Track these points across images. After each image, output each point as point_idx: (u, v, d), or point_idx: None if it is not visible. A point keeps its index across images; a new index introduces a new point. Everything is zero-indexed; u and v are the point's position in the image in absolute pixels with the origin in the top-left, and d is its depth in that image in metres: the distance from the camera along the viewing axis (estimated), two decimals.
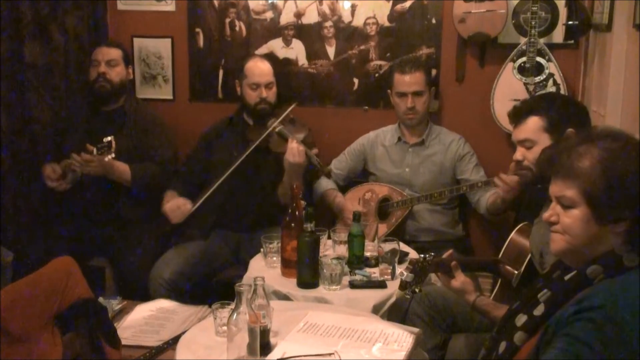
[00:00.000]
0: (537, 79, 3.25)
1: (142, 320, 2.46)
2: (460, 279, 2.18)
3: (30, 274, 2.30)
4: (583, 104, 2.42)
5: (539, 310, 1.66)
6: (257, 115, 3.34)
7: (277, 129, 3.20)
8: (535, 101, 2.60)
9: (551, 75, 3.24)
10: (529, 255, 2.37)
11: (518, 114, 2.48)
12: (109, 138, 3.00)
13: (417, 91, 3.27)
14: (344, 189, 3.48)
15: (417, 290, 2.18)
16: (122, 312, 2.54)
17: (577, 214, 1.61)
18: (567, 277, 1.65)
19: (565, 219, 1.64)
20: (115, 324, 2.30)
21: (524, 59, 3.25)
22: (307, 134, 3.27)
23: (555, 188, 1.66)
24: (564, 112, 2.39)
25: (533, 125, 2.41)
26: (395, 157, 3.41)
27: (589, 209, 1.59)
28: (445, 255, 2.25)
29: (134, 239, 3.28)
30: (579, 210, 1.61)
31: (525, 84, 3.27)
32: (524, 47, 3.25)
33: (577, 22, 3.12)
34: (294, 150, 3.04)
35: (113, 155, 3.04)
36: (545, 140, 2.37)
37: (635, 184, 1.54)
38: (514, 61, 3.29)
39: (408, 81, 3.27)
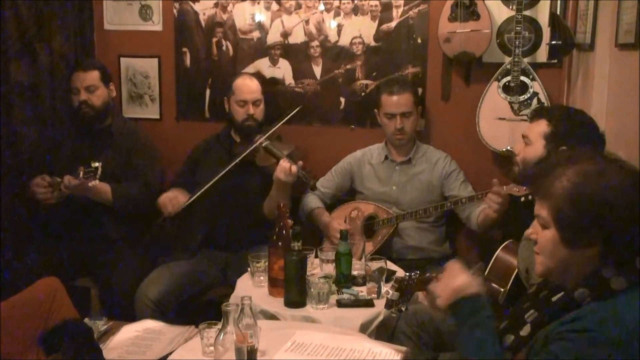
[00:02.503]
0: (522, 97, 3.29)
1: (129, 341, 2.44)
2: (445, 297, 2.18)
3: (15, 294, 2.29)
4: (601, 132, 2.44)
5: (525, 331, 1.67)
6: (244, 132, 3.36)
7: (264, 144, 3.21)
8: (556, 109, 2.68)
9: (535, 94, 3.28)
10: (515, 272, 2.39)
11: (536, 113, 2.57)
12: (97, 164, 3.00)
13: (406, 112, 3.29)
14: (331, 207, 3.49)
15: (403, 308, 2.18)
16: (108, 333, 2.52)
17: (549, 236, 1.62)
18: (554, 299, 1.65)
19: (541, 239, 1.65)
20: (101, 345, 2.28)
21: (508, 78, 3.29)
22: (292, 150, 3.29)
23: (536, 206, 1.67)
24: (571, 130, 2.41)
25: (539, 127, 2.49)
26: (383, 175, 3.43)
27: (558, 231, 1.59)
28: (430, 274, 2.26)
29: (120, 259, 3.25)
30: (550, 231, 1.61)
31: (510, 103, 3.31)
32: (508, 67, 3.28)
33: (560, 42, 3.16)
34: (287, 170, 3.05)
35: (97, 181, 3.03)
36: (539, 145, 2.45)
37: (604, 210, 1.52)
38: (498, 80, 3.33)
39: (396, 102, 3.29)
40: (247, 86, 3.38)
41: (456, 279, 1.81)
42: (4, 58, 3.24)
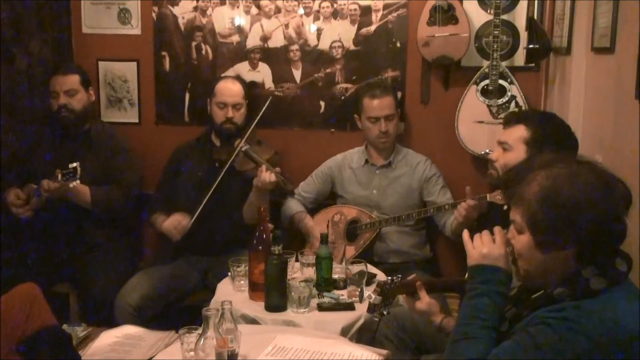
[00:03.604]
0: (500, 101, 3.31)
1: (108, 347, 2.42)
2: (425, 300, 2.18)
3: None
4: (575, 136, 2.48)
5: (504, 327, 1.69)
6: (223, 135, 3.36)
7: (243, 148, 3.21)
8: (531, 113, 2.70)
9: (513, 97, 3.31)
10: None
11: (512, 118, 2.57)
12: (75, 164, 2.95)
13: (389, 115, 3.31)
14: (313, 211, 3.49)
15: (385, 312, 2.19)
16: (87, 339, 2.50)
17: (524, 240, 1.63)
18: (533, 296, 1.67)
19: (517, 244, 1.67)
20: (80, 352, 2.26)
21: (486, 81, 3.32)
22: (272, 154, 3.30)
23: (511, 211, 1.69)
24: (550, 133, 2.43)
25: (517, 132, 2.49)
26: (363, 179, 3.44)
27: (531, 236, 1.61)
28: (410, 278, 2.27)
29: (99, 264, 3.23)
30: (525, 236, 1.63)
31: (489, 106, 3.33)
32: (486, 70, 3.31)
33: (537, 46, 3.19)
34: (266, 180, 3.06)
35: (78, 182, 2.99)
36: (520, 151, 2.45)
37: (576, 212, 1.53)
38: (477, 84, 3.35)
39: (379, 105, 3.30)
40: (228, 89, 3.37)
41: (491, 247, 1.77)
42: None
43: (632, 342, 1.47)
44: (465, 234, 1.87)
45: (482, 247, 1.78)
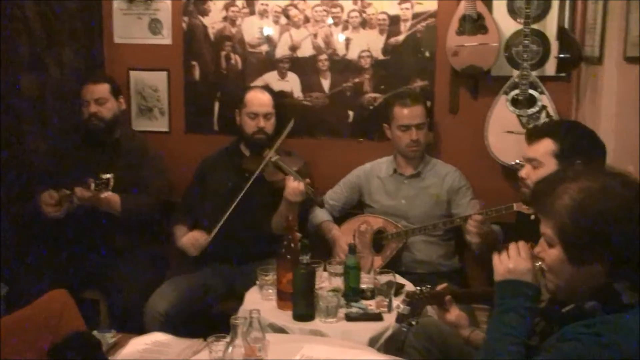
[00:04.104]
0: (530, 111, 3.28)
1: (137, 354, 2.43)
2: (454, 313, 2.17)
3: (25, 307, 2.29)
4: (602, 142, 2.42)
5: (534, 341, 1.67)
6: (254, 145, 3.37)
7: (273, 159, 3.22)
8: (555, 125, 2.64)
9: (544, 107, 3.28)
10: None
11: (535, 133, 2.51)
12: (108, 175, 2.99)
13: (420, 123, 3.30)
14: (339, 220, 3.49)
15: (413, 322, 2.18)
16: (117, 346, 2.51)
17: (555, 254, 1.61)
18: (564, 310, 1.65)
19: (547, 258, 1.65)
20: (109, 358, 2.28)
21: (516, 91, 3.29)
22: (301, 165, 3.30)
23: (541, 224, 1.67)
24: (579, 143, 2.38)
25: (545, 147, 2.43)
26: (391, 188, 3.43)
27: (563, 249, 1.59)
28: (439, 288, 2.25)
29: (128, 271, 3.25)
30: (556, 249, 1.61)
31: (519, 116, 3.30)
32: (516, 80, 3.28)
33: (568, 55, 3.16)
34: (296, 190, 3.07)
35: (110, 193, 3.03)
36: (552, 165, 2.39)
37: (608, 225, 1.52)
38: (506, 93, 3.32)
39: (410, 114, 3.29)
40: (258, 99, 3.39)
41: (517, 261, 1.74)
42: (14, 70, 3.26)
43: None
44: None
45: (508, 262, 1.76)
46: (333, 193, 3.52)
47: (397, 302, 2.39)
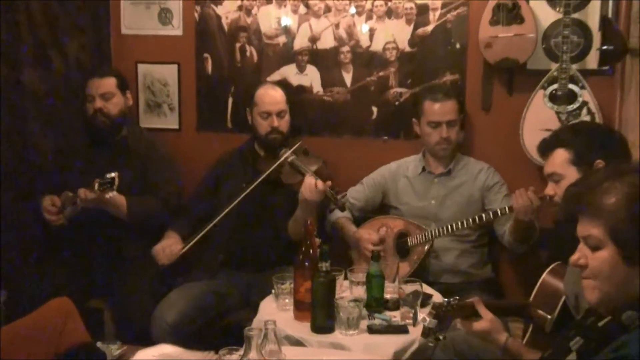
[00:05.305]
0: (570, 107, 3.26)
1: None
2: (487, 317, 2.16)
3: (25, 315, 2.32)
4: (618, 132, 2.46)
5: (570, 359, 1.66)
6: (269, 146, 3.38)
7: (289, 159, 3.22)
8: (561, 132, 2.66)
9: (585, 103, 3.25)
10: (563, 298, 2.36)
11: (545, 147, 2.56)
12: (113, 174, 3.00)
13: (451, 120, 3.29)
14: (358, 221, 3.48)
15: (440, 337, 2.17)
16: (122, 358, 2.54)
17: (605, 256, 1.61)
18: (601, 324, 1.64)
19: (593, 262, 1.64)
20: None
21: (555, 86, 3.27)
22: (320, 165, 3.29)
23: (581, 228, 1.66)
24: (592, 143, 2.42)
25: (559, 158, 2.48)
26: (420, 188, 3.42)
27: (617, 248, 1.59)
28: (469, 300, 2.25)
29: (135, 279, 3.28)
30: (606, 251, 1.61)
31: (557, 113, 3.28)
32: (555, 74, 3.26)
33: (612, 47, 3.14)
34: (312, 187, 3.04)
35: (115, 193, 3.05)
36: (572, 174, 2.41)
37: None
38: (544, 88, 3.31)
39: (442, 110, 3.29)
40: (269, 96, 3.40)
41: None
42: (16, 65, 3.30)
43: None
44: None
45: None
46: (354, 191, 3.51)
47: (423, 314, 2.39)
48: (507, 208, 3.03)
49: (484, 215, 3.14)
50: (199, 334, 3.07)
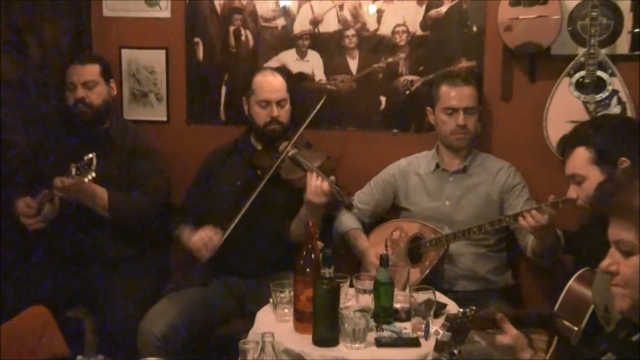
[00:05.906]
0: (599, 96, 3.25)
1: None
2: (512, 333, 2.15)
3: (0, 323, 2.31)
4: (636, 123, 2.47)
5: None
6: (267, 138, 3.38)
7: (290, 153, 3.21)
8: (581, 129, 2.69)
9: (615, 92, 3.24)
10: (592, 308, 2.35)
11: (565, 146, 2.60)
12: (90, 155, 2.99)
13: (469, 107, 3.29)
14: (371, 226, 3.48)
15: (455, 351, 2.16)
16: None
17: (638, 262, 1.60)
18: (634, 338, 1.63)
19: (625, 269, 1.63)
20: None
21: (582, 73, 3.26)
22: (324, 160, 3.29)
23: (613, 231, 1.66)
24: (614, 139, 2.43)
25: (579, 158, 2.51)
26: (433, 188, 3.41)
27: None
28: (487, 311, 2.23)
29: (119, 285, 3.28)
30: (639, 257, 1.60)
31: (585, 103, 3.27)
32: (582, 59, 3.25)
33: None
34: (318, 189, 3.06)
35: (94, 174, 3.02)
36: (595, 174, 2.43)
37: None
38: (570, 76, 3.29)
39: (460, 95, 3.29)
40: (269, 83, 3.39)
41: None
42: None
43: None
44: None
45: None
46: (362, 194, 3.51)
47: (436, 326, 2.37)
48: (527, 211, 2.99)
49: (504, 218, 3.12)
50: (189, 347, 3.07)
